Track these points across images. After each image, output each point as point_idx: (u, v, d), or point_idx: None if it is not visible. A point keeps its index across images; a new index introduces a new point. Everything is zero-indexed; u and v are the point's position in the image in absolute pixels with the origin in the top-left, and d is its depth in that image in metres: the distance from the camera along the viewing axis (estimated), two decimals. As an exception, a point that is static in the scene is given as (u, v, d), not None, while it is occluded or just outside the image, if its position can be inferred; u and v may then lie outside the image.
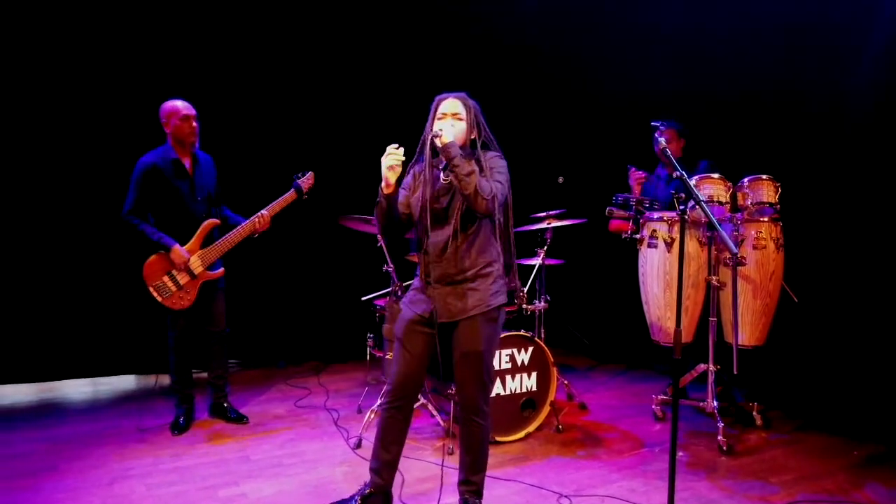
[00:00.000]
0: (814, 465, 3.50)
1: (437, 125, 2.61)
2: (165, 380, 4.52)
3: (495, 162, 2.71)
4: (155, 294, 3.76)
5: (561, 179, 6.04)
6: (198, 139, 3.83)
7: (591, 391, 4.81)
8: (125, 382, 5.03)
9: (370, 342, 4.29)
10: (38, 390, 4.84)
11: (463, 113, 2.65)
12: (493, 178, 2.61)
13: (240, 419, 4.06)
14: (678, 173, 2.29)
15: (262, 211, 3.87)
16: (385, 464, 2.82)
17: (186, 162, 3.83)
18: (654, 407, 4.25)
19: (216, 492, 3.13)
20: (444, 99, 2.70)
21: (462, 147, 2.60)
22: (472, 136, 2.68)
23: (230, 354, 4.51)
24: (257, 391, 4.76)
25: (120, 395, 4.74)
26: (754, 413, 4.07)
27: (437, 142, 2.52)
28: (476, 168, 2.53)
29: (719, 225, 2.37)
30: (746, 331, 3.91)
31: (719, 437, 3.69)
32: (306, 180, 4.02)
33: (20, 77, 4.58)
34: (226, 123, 4.90)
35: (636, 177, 4.40)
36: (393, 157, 2.50)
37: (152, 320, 4.30)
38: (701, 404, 3.95)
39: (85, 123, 4.76)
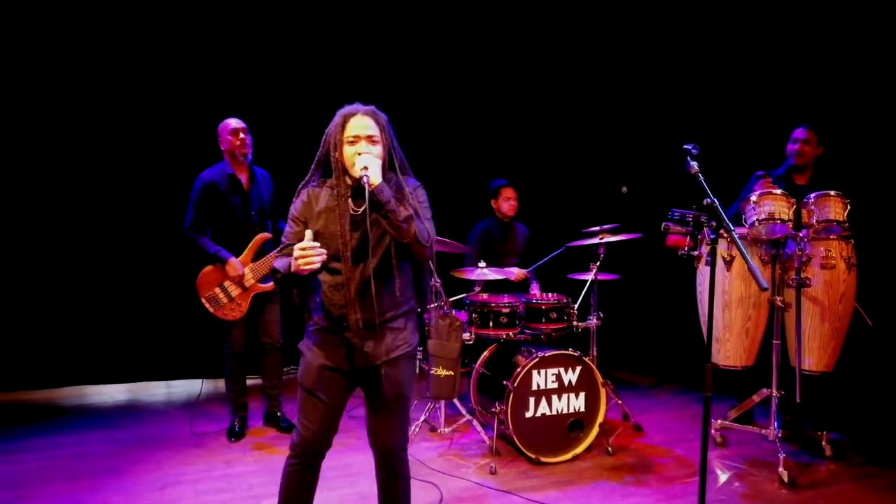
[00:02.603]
0: (885, 503, 3.25)
1: (359, 161, 2.18)
2: (211, 385, 4.71)
3: (420, 195, 2.39)
4: (207, 305, 3.92)
5: (625, 189, 5.88)
6: (250, 152, 3.96)
7: (649, 411, 4.64)
8: (195, 387, 5.26)
9: (420, 355, 4.30)
10: (119, 392, 5.16)
11: (378, 134, 2.27)
12: (423, 216, 2.31)
13: (291, 429, 4.15)
14: (709, 200, 2.17)
15: None
16: None
17: (243, 177, 3.97)
18: (713, 432, 4.05)
19: (259, 501, 3.22)
20: (353, 115, 2.28)
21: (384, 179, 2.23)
22: (386, 159, 2.32)
23: (288, 362, 4.64)
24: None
25: (187, 400, 4.96)
26: (823, 443, 3.81)
27: (365, 185, 2.12)
28: (411, 211, 2.23)
29: (748, 255, 2.23)
30: (814, 356, 3.66)
31: (780, 469, 3.48)
32: None
33: (92, 96, 4.94)
34: (284, 141, 5.05)
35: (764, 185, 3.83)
36: (315, 257, 2.07)
37: (215, 328, 4.50)
38: (763, 431, 3.74)
39: (160, 142, 5.06)
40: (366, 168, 2.14)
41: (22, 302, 4.92)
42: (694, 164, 2.26)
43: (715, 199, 2.19)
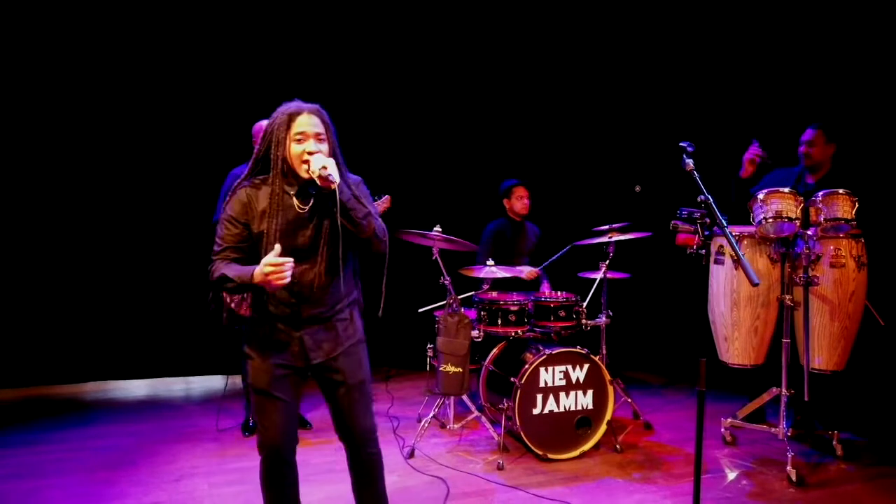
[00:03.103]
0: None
1: (315, 161, 2.14)
2: (229, 382, 4.82)
3: (364, 190, 2.38)
4: (228, 300, 4.00)
5: (638, 188, 5.88)
6: None
7: (660, 410, 4.65)
8: (212, 382, 5.39)
9: (430, 352, 4.35)
10: (140, 387, 5.31)
11: (324, 132, 2.24)
12: (372, 209, 2.32)
13: (303, 424, 4.24)
14: (703, 197, 2.18)
15: None
16: None
17: None
18: (722, 430, 4.05)
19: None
20: (300, 113, 2.22)
21: None
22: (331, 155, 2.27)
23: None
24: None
25: (206, 395, 5.07)
26: (834, 442, 3.79)
27: (326, 185, 2.11)
28: (368, 207, 2.25)
29: (742, 254, 2.24)
30: (824, 354, 3.65)
31: (788, 468, 3.47)
32: (382, 203, 4.09)
33: (131, 94, 5.13)
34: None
35: (753, 153, 3.94)
36: (287, 272, 2.05)
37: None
38: (773, 430, 3.73)
39: (176, 140, 5.20)
40: (325, 168, 2.11)
41: (49, 300, 5.09)
42: (689, 161, 2.28)
43: (709, 196, 2.21)
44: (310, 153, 2.18)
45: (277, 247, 2.10)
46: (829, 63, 4.66)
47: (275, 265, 2.02)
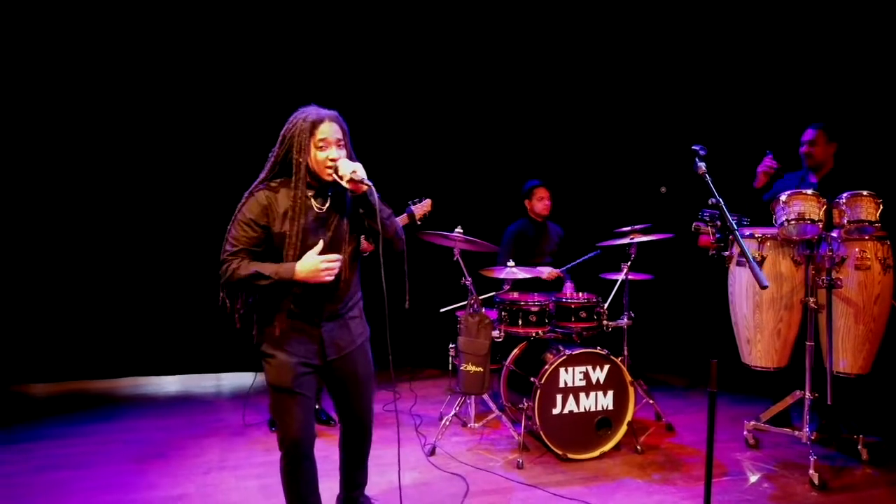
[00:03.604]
0: (919, 510, 3.19)
1: (343, 166, 2.28)
2: (258, 379, 4.93)
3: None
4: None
5: (664, 189, 5.86)
6: None
7: (683, 412, 4.63)
8: (242, 379, 5.51)
9: (452, 352, 4.41)
10: (172, 383, 5.47)
11: (343, 138, 2.38)
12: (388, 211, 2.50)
13: (328, 421, 4.32)
14: (714, 200, 2.20)
15: None
16: None
17: None
18: (745, 433, 4.03)
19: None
20: (322, 121, 2.34)
21: None
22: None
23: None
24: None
25: (235, 391, 5.20)
26: (860, 446, 3.75)
27: (356, 187, 2.27)
28: (390, 208, 2.43)
29: (752, 257, 2.25)
30: (848, 357, 3.61)
31: (810, 471, 3.45)
32: (421, 207, 4.15)
33: (161, 97, 5.29)
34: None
35: (767, 165, 4.04)
36: (336, 268, 2.30)
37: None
38: (797, 433, 3.70)
39: (206, 137, 5.35)
40: (355, 172, 2.27)
41: (88, 299, 5.29)
42: (702, 164, 2.30)
43: (720, 199, 2.23)
44: (332, 160, 2.32)
45: (320, 243, 2.30)
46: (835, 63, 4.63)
47: (329, 261, 2.26)
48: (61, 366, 5.27)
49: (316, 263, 2.25)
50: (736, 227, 2.21)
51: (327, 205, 2.40)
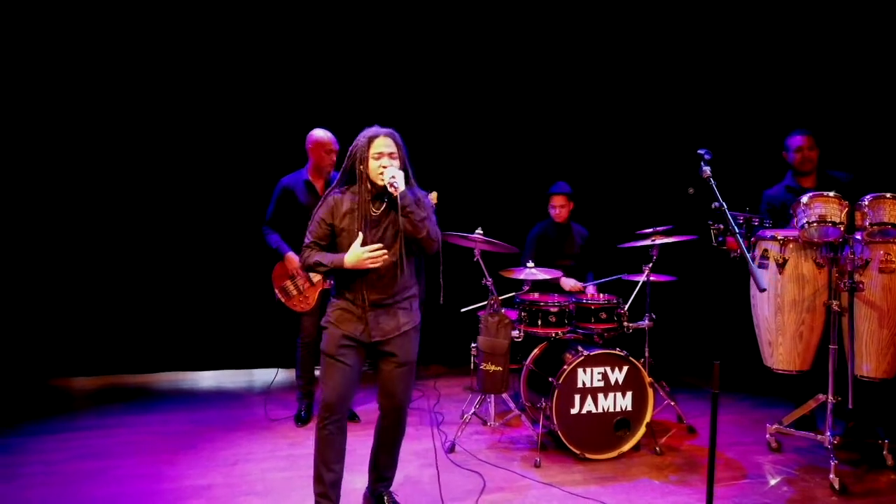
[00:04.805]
0: (942, 517, 3.14)
1: (387, 172, 2.70)
2: (286, 374, 5.05)
3: (426, 203, 2.87)
4: (279, 295, 4.30)
5: (692, 191, 5.83)
6: (334, 166, 4.31)
7: (706, 414, 4.56)
8: (272, 375, 5.65)
9: (473, 351, 4.47)
10: (206, 378, 5.65)
11: (396, 152, 2.77)
12: (431, 218, 2.83)
13: (353, 417, 4.42)
14: (717, 204, 2.22)
15: None
16: (330, 484, 2.86)
17: (318, 184, 4.31)
18: (767, 436, 4.00)
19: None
20: (377, 136, 2.78)
21: None
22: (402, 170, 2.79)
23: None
24: (375, 390, 5.11)
25: (265, 387, 5.34)
26: (885, 451, 3.69)
27: (392, 190, 2.67)
28: (426, 213, 2.76)
29: (751, 260, 2.26)
30: (872, 361, 3.56)
31: (831, 475, 3.42)
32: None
33: (198, 100, 5.46)
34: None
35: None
36: (381, 257, 2.71)
37: (291, 322, 4.85)
38: (819, 438, 3.67)
39: (236, 137, 5.51)
40: (394, 178, 2.68)
41: (127, 297, 5.51)
42: (707, 168, 2.32)
43: (723, 204, 2.25)
44: (384, 167, 2.74)
45: (360, 236, 2.71)
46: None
47: (375, 251, 2.68)
48: (100, 361, 5.49)
49: (359, 254, 2.68)
50: (737, 230, 2.23)
51: (382, 208, 2.80)
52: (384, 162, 2.74)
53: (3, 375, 5.13)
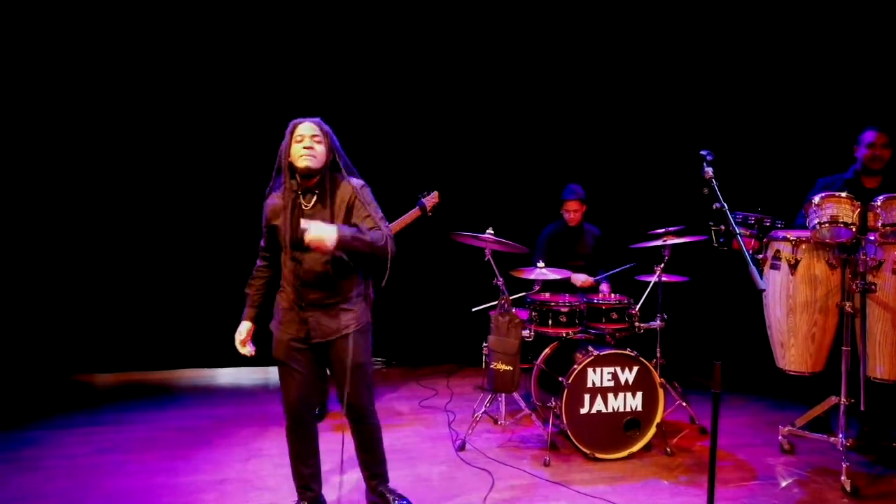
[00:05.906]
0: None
1: (310, 232, 2.49)
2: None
3: (366, 194, 2.78)
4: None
5: (706, 191, 5.79)
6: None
7: (721, 416, 4.57)
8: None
9: (485, 350, 4.50)
10: (224, 375, 5.75)
11: (320, 135, 2.70)
12: (375, 215, 2.73)
13: (322, 412, 4.46)
14: (718, 205, 2.22)
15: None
16: (309, 476, 2.95)
17: None
18: (780, 438, 3.98)
19: (327, 476, 3.54)
20: (300, 123, 2.71)
21: (322, 168, 2.68)
22: (331, 159, 2.73)
23: (377, 353, 4.99)
24: (389, 389, 5.20)
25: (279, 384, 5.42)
26: (899, 454, 3.67)
27: (325, 249, 2.51)
28: (368, 236, 2.61)
29: (750, 260, 2.26)
30: (885, 364, 3.53)
31: (842, 477, 3.40)
32: (431, 199, 4.34)
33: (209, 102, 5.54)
34: (354, 147, 5.42)
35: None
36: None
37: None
38: (832, 440, 3.64)
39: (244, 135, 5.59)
40: (307, 228, 2.49)
41: (149, 296, 5.65)
42: (709, 169, 2.33)
43: (724, 205, 2.25)
44: (306, 148, 2.64)
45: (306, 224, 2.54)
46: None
47: (241, 340, 3.00)
48: (122, 357, 5.62)
49: (237, 345, 2.99)
50: (737, 231, 2.23)
51: (313, 201, 2.72)
52: (306, 143, 2.65)
53: (27, 371, 5.29)
